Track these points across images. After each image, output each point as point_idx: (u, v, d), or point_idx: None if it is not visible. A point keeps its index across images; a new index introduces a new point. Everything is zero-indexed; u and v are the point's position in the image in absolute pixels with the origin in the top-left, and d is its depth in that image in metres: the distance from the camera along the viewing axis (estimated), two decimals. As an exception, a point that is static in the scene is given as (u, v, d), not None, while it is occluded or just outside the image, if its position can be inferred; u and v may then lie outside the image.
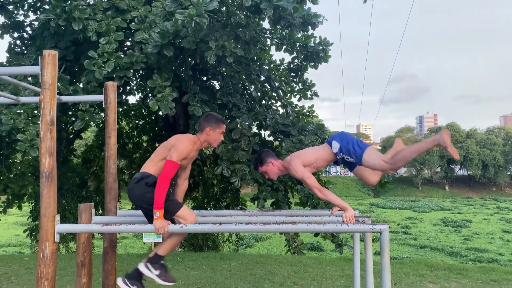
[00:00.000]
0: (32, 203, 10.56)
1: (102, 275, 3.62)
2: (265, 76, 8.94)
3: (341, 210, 3.36)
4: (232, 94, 7.97)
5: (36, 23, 8.20)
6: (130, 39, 7.34)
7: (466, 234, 27.83)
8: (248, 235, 24.51)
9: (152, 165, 3.13)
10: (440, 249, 22.81)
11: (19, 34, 8.48)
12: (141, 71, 8.65)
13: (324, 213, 3.56)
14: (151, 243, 12.00)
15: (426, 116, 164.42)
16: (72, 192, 10.81)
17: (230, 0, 7.16)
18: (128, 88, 9.17)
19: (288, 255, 8.74)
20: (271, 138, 8.30)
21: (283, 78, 9.76)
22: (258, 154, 3.64)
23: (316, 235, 8.38)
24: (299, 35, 7.51)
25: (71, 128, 10.15)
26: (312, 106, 10.17)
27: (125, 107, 11.16)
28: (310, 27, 6.53)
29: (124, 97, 9.56)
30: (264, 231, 2.87)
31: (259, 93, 8.74)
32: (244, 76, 8.68)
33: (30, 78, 6.57)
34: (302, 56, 8.08)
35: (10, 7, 8.19)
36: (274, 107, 9.20)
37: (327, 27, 9.31)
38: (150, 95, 9.69)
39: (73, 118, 9.45)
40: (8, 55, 7.74)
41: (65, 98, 4.29)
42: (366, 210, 37.77)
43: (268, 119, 7.90)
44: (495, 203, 47.47)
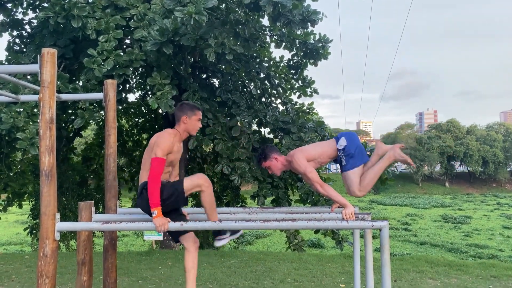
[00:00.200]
0: (33, 202, 10.58)
1: (103, 273, 3.62)
2: (265, 74, 8.92)
3: (341, 207, 3.37)
4: (232, 92, 7.96)
5: (35, 21, 8.19)
6: (129, 37, 7.33)
7: (466, 231, 27.87)
8: (249, 232, 24.55)
9: (146, 173, 3.11)
10: (440, 246, 22.86)
11: (18, 32, 8.46)
12: (141, 69, 8.64)
13: (324, 210, 3.56)
14: (152, 241, 12.04)
15: (426, 113, 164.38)
16: (72, 190, 10.84)
17: (229, -3, 7.14)
18: (128, 86, 9.15)
19: (289, 252, 8.76)
20: (271, 136, 8.30)
21: (283, 75, 9.74)
22: (262, 149, 3.63)
23: (317, 232, 8.40)
24: (299, 32, 7.48)
25: (71, 126, 10.16)
26: (312, 103, 10.15)
27: (125, 105, 11.16)
28: (310, 24, 6.50)
29: (124, 95, 9.54)
30: (264, 228, 2.88)
31: (259, 91, 8.73)
32: (244, 74, 8.67)
33: (30, 77, 6.56)
34: (302, 53, 8.06)
35: (9, 5, 8.18)
36: (274, 105, 9.19)
37: (327, 24, 9.30)
38: (150, 93, 9.71)
39: (73, 116, 9.45)
40: (7, 54, 7.73)
41: (65, 96, 4.29)
42: (366, 207, 37.82)
43: (268, 117, 7.90)
44: (495, 199, 47.55)
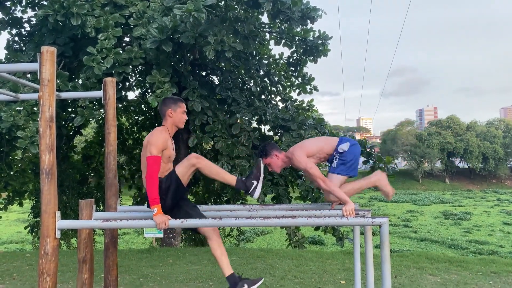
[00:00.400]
0: (33, 200, 10.59)
1: (104, 271, 3.64)
2: (264, 71, 8.91)
3: (341, 204, 3.37)
4: (232, 89, 7.95)
5: (34, 19, 8.16)
6: (129, 35, 7.31)
7: (467, 227, 27.93)
8: (249, 230, 24.59)
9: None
10: (441, 242, 22.92)
11: (17, 31, 8.44)
12: (140, 67, 8.63)
13: (324, 207, 3.57)
14: (152, 238, 12.07)
15: (426, 109, 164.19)
16: (73, 189, 10.84)
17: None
18: (127, 84, 9.14)
19: (289, 249, 8.77)
20: (271, 133, 8.30)
21: (283, 73, 9.73)
22: (263, 146, 3.63)
23: (317, 229, 8.40)
24: (298, 29, 7.47)
25: (71, 125, 10.16)
26: (312, 101, 10.16)
27: (125, 103, 11.14)
28: (309, 21, 6.49)
29: (124, 93, 9.53)
30: (265, 225, 2.88)
31: (259, 88, 8.72)
32: (243, 71, 8.65)
33: (29, 75, 6.55)
34: (301, 50, 8.04)
35: (8, 3, 8.16)
36: (274, 102, 9.18)
37: (326, 21, 9.27)
38: (150, 91, 9.69)
39: (73, 115, 9.45)
40: (7, 52, 7.72)
41: (64, 95, 4.29)
42: (367, 204, 37.88)
43: (268, 114, 7.89)
44: (496, 196, 47.62)
